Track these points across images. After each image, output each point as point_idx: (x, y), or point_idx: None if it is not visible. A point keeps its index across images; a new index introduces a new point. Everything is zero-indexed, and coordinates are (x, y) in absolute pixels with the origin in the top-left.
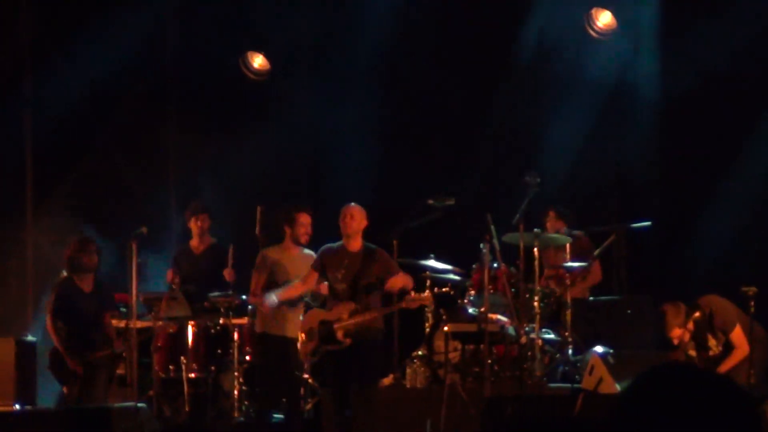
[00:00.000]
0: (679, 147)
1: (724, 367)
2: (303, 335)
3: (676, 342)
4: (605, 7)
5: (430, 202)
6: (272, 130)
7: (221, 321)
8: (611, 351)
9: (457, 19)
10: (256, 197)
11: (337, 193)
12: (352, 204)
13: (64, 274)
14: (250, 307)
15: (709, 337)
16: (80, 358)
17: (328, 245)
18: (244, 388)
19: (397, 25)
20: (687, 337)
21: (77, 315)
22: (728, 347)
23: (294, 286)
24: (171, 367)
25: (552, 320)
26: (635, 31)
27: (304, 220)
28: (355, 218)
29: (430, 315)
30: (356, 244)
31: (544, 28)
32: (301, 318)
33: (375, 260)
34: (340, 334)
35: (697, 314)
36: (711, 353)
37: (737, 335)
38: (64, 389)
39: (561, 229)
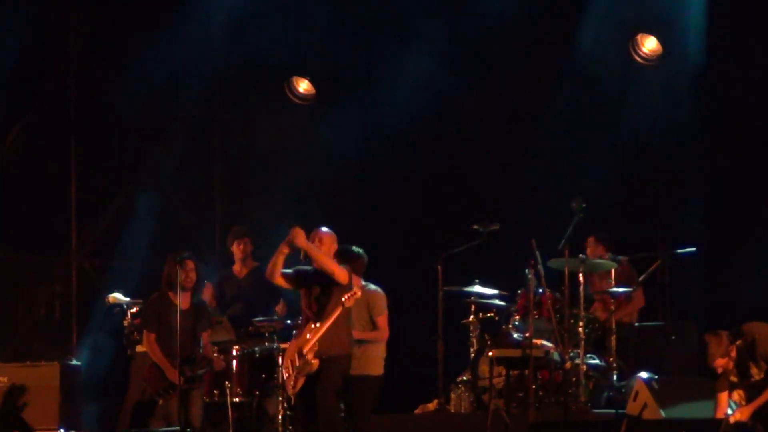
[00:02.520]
0: (725, 172)
1: (763, 399)
2: (287, 372)
3: (719, 371)
4: (650, 33)
5: (475, 227)
6: (317, 155)
7: (266, 344)
8: (656, 377)
9: (503, 43)
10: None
11: (383, 218)
12: (323, 228)
13: (109, 298)
14: (294, 331)
15: (751, 365)
16: (180, 372)
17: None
18: (288, 412)
19: (442, 50)
20: (731, 365)
21: (172, 331)
22: None
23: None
24: (215, 391)
25: (597, 346)
26: (679, 56)
27: None
28: (324, 242)
29: (474, 340)
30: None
31: (590, 53)
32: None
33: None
34: (309, 357)
35: (739, 342)
36: (753, 380)
37: None
38: (160, 401)
39: (602, 255)
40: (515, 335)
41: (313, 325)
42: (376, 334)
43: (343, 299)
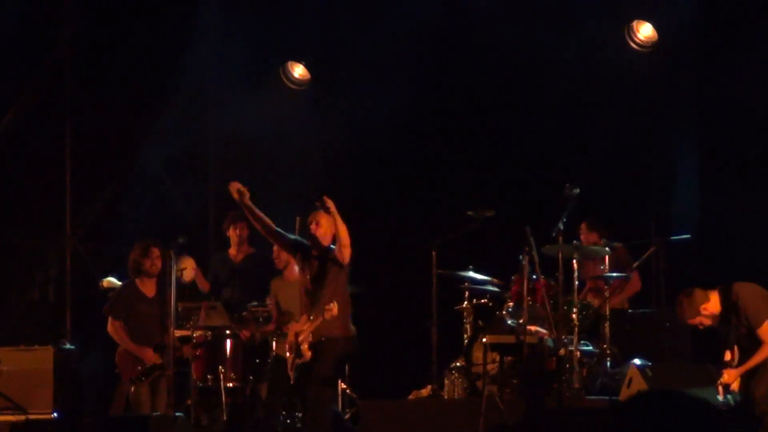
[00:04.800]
0: (720, 157)
1: (749, 365)
2: (288, 352)
3: (700, 328)
4: (646, 19)
5: (470, 213)
6: (312, 140)
7: (260, 329)
8: (649, 363)
9: (496, 30)
10: (295, 207)
11: (377, 204)
12: (321, 211)
13: (104, 282)
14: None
15: (733, 320)
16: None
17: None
18: (282, 398)
19: (436, 37)
20: (707, 321)
21: (139, 318)
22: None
23: None
24: (209, 376)
25: (590, 332)
26: (676, 43)
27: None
28: (321, 225)
29: (468, 326)
30: (320, 247)
31: (586, 39)
32: None
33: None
34: (304, 347)
35: (722, 295)
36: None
37: (765, 331)
38: (131, 389)
39: (595, 241)
40: (509, 321)
41: (309, 315)
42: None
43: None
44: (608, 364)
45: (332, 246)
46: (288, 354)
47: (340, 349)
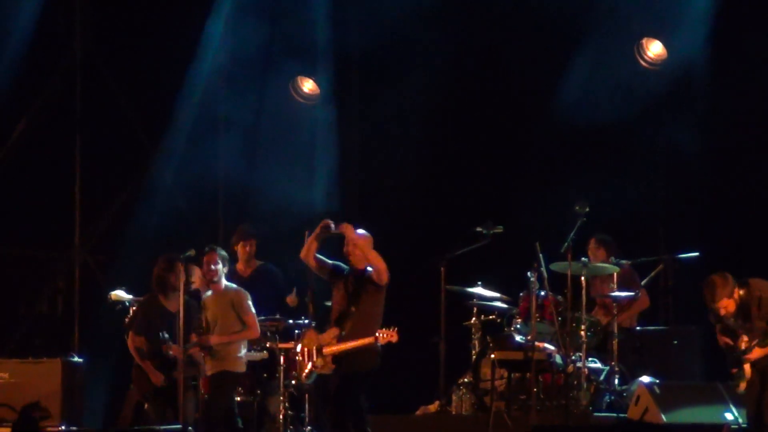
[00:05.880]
0: (729, 176)
1: (755, 354)
2: (301, 357)
3: (722, 312)
4: (656, 37)
5: (479, 229)
6: (320, 156)
7: (268, 345)
8: (657, 381)
9: (506, 48)
10: (305, 222)
11: (385, 220)
12: (359, 231)
13: (112, 296)
14: (297, 331)
15: (753, 314)
16: (165, 375)
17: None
18: (290, 412)
19: (447, 55)
20: (732, 307)
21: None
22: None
23: None
24: None
25: (598, 349)
26: (685, 61)
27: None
28: (359, 246)
29: (476, 342)
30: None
31: (596, 57)
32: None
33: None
34: (329, 360)
35: (743, 290)
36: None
37: None
38: (146, 406)
39: (604, 258)
40: (517, 338)
41: (341, 331)
42: (247, 334)
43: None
44: (616, 381)
45: (369, 268)
46: (303, 359)
47: (367, 361)
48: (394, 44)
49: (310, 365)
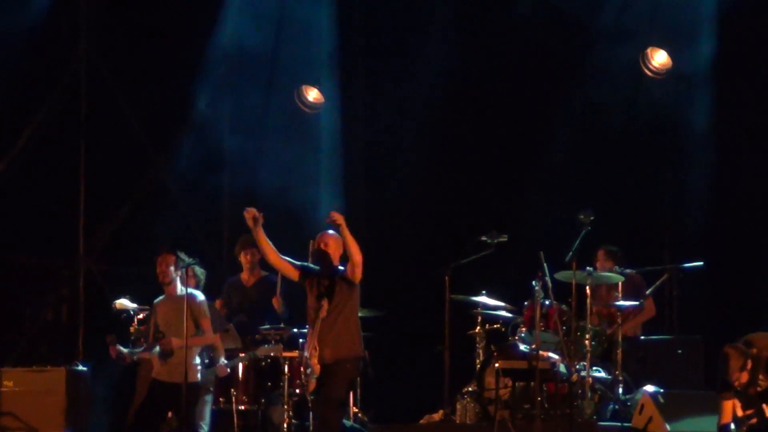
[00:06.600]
0: (734, 187)
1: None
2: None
3: (737, 385)
4: (661, 46)
5: (483, 238)
6: (324, 164)
7: (272, 353)
8: (661, 391)
9: (513, 57)
10: (309, 231)
11: (390, 229)
12: (329, 231)
13: (116, 304)
14: (301, 340)
15: (761, 376)
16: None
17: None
18: (294, 421)
19: (452, 62)
20: (746, 378)
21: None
22: None
23: None
24: (221, 399)
25: (603, 358)
26: (690, 70)
27: None
28: (329, 245)
29: (481, 351)
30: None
31: (600, 66)
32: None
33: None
34: (313, 362)
35: (754, 350)
36: (759, 389)
37: None
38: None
39: (611, 268)
40: (522, 347)
41: (313, 329)
42: (204, 339)
43: None
44: (620, 390)
45: (340, 267)
46: (305, 374)
47: (350, 371)
48: (400, 51)
49: (314, 380)
